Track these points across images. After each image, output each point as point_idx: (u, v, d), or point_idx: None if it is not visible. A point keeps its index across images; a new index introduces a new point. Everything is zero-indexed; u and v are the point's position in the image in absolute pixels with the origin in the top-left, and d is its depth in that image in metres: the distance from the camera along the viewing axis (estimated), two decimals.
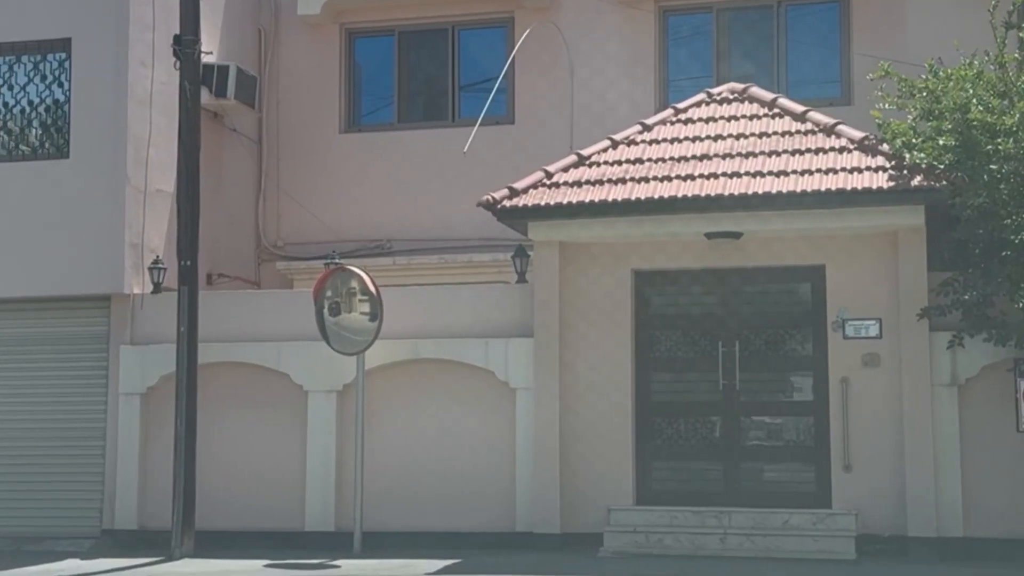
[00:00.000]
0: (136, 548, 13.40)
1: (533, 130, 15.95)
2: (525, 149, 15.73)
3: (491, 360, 13.08)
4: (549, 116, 15.95)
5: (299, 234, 16.38)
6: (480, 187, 15.42)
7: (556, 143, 15.44)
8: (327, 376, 13.40)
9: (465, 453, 13.14)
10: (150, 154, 14.21)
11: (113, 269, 13.88)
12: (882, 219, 11.95)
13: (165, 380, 13.60)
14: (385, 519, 13.13)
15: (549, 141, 15.60)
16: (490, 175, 15.24)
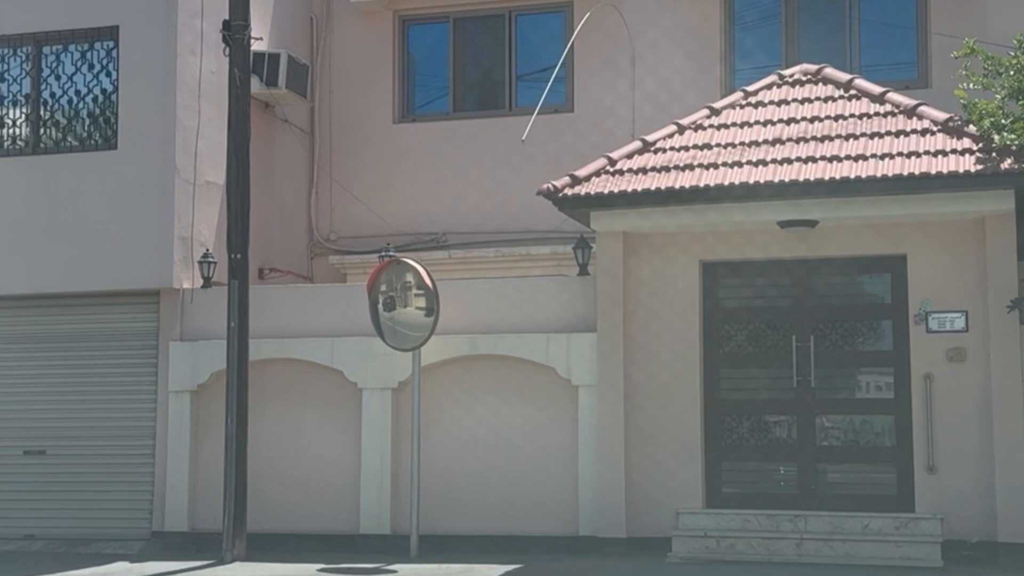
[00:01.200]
0: (186, 551, 13.01)
1: (593, 119, 15.39)
2: (585, 138, 15.19)
3: (552, 356, 12.54)
4: (610, 104, 15.38)
5: (352, 227, 15.94)
6: (538, 177, 14.93)
7: (617, 132, 14.88)
8: (382, 373, 12.93)
9: (525, 453, 12.63)
10: (199, 145, 13.81)
11: (162, 263, 13.49)
12: (968, 205, 11.27)
13: (216, 377, 13.19)
14: (442, 522, 12.65)
15: (610, 130, 15.05)
16: (548, 165, 14.82)
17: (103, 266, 13.55)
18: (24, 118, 14.09)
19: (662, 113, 14.48)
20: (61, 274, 13.66)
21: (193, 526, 13.32)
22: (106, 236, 13.57)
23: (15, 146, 14.11)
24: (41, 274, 13.70)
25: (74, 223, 13.68)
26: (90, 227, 13.62)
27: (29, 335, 13.99)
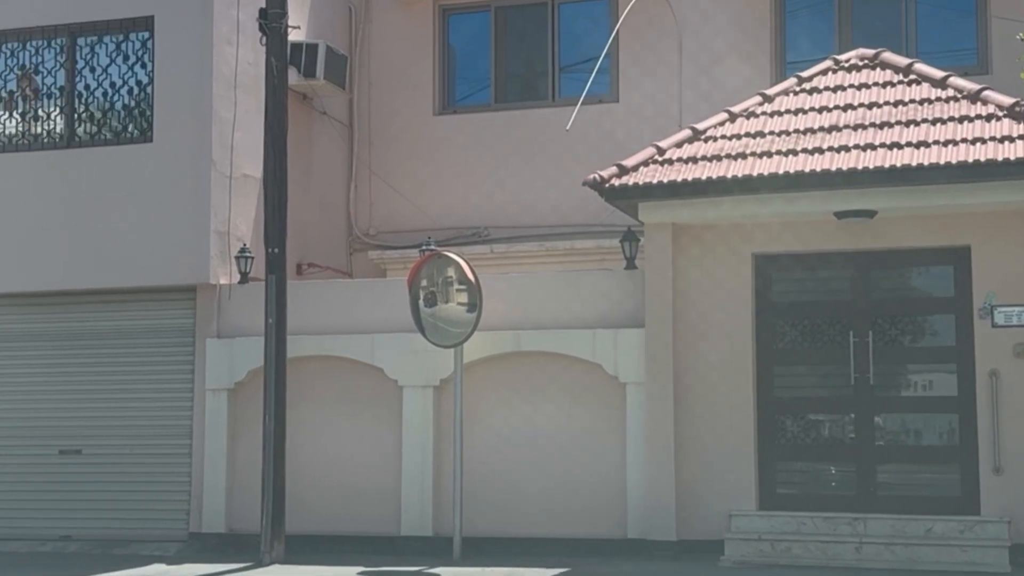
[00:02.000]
0: (224, 552, 12.71)
1: (638, 109, 15.00)
2: (630, 129, 14.83)
3: (599, 353, 12.12)
4: (656, 94, 14.98)
5: (392, 222, 15.61)
6: (583, 169, 14.57)
7: (663, 122, 14.47)
8: (423, 370, 12.57)
9: (571, 453, 12.23)
10: (236, 137, 13.50)
11: (198, 258, 13.19)
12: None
13: (253, 375, 12.89)
14: (486, 523, 12.28)
15: (655, 120, 14.66)
16: (593, 157, 14.46)
17: (138, 262, 13.27)
18: (58, 111, 13.83)
19: (709, 102, 14.06)
20: (96, 270, 13.39)
21: (231, 527, 13.01)
22: (141, 231, 13.29)
23: (50, 140, 13.85)
24: (76, 270, 13.45)
25: (109, 218, 13.40)
26: (125, 222, 13.35)
27: (63, 332, 13.72)
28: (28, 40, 13.90)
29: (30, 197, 13.63)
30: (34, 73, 13.82)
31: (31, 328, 13.83)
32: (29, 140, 13.87)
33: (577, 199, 14.78)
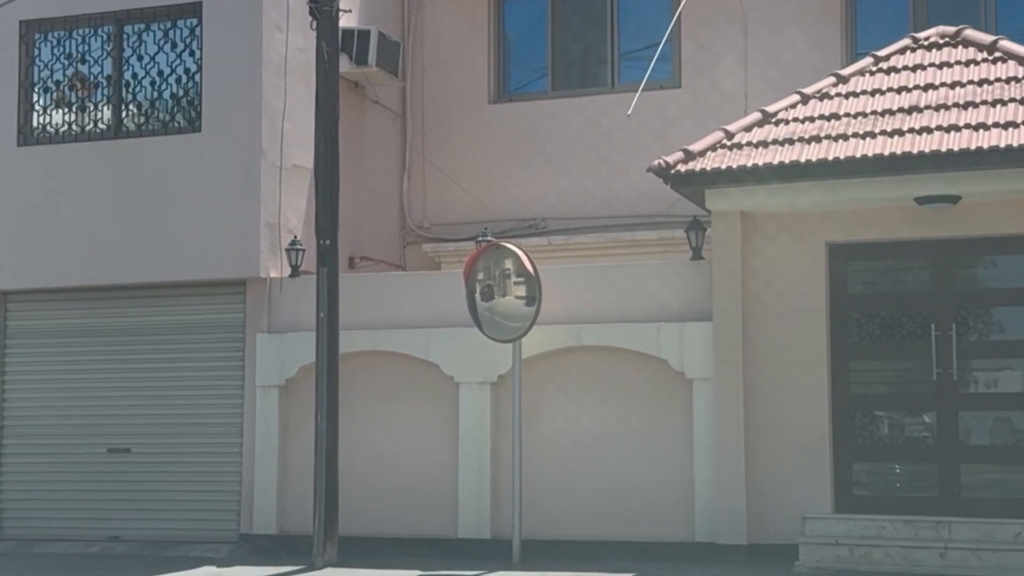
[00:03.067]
0: (276, 555, 12.32)
1: (702, 95, 14.45)
2: (693, 115, 14.32)
3: (664, 347, 11.59)
4: (720, 79, 14.41)
5: (446, 214, 15.14)
6: (643, 158, 14.14)
7: (728, 108, 13.91)
8: (480, 366, 12.10)
9: (635, 452, 11.72)
10: (286, 127, 13.10)
11: (248, 251, 12.80)
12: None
13: (305, 371, 12.47)
14: (546, 526, 11.79)
15: (720, 106, 14.12)
16: (654, 145, 14.02)
17: (187, 255, 12.91)
18: (105, 101, 13.50)
19: (776, 88, 13.41)
20: (143, 264, 13.05)
21: (282, 528, 12.61)
22: (190, 224, 12.93)
23: (96, 130, 13.52)
24: (123, 264, 13.12)
25: (156, 210, 13.06)
26: (173, 214, 13.00)
27: (111, 328, 13.40)
28: (74, 28, 13.59)
29: (76, 190, 13.32)
30: (86, 75, 13.46)
31: (77, 324, 13.53)
32: (76, 131, 13.54)
33: (638, 189, 14.31)
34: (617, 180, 14.51)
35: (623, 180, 14.45)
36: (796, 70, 13.71)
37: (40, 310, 13.69)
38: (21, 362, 13.70)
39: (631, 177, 14.39)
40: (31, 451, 13.56)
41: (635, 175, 14.35)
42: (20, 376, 13.69)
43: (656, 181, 13.67)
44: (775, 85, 13.59)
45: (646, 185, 14.12)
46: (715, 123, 12.57)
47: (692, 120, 14.16)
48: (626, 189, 14.43)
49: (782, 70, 13.99)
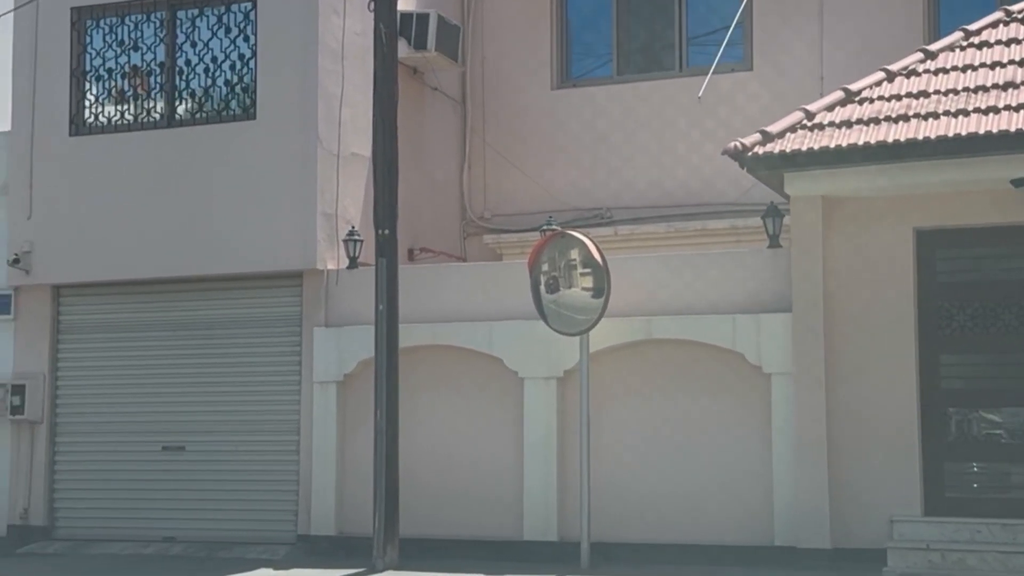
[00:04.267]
0: (334, 556, 11.89)
1: (774, 77, 13.88)
2: (765, 99, 13.82)
3: (740, 340, 11.01)
4: (793, 60, 13.83)
5: (508, 204, 14.65)
6: (713, 144, 13.65)
7: (802, 91, 13.26)
8: (546, 360, 11.59)
9: (710, 451, 11.15)
10: (343, 113, 12.66)
11: (305, 242, 12.37)
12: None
13: (363, 366, 12.03)
14: (616, 528, 11.26)
15: (793, 89, 13.51)
16: (725, 130, 13.54)
17: (242, 247, 12.51)
18: (159, 89, 13.13)
19: (855, 66, 12.76)
20: (197, 256, 12.67)
21: (341, 529, 12.16)
22: (245, 214, 12.53)
23: (149, 119, 13.16)
24: (176, 256, 12.74)
25: (210, 201, 12.68)
26: (227, 205, 12.60)
27: (164, 322, 13.03)
28: (126, 15, 13.24)
29: (129, 180, 12.97)
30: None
31: (131, 318, 13.18)
32: (129, 120, 13.19)
33: (707, 176, 13.78)
34: (685, 167, 13.97)
35: (691, 167, 13.91)
36: (875, 49, 13.06)
37: (93, 304, 13.36)
38: (74, 357, 13.38)
39: (699, 164, 13.86)
40: (84, 449, 13.24)
41: (703, 162, 13.83)
42: (73, 372, 13.38)
43: (726, 168, 13.18)
44: (853, 65, 12.94)
45: (715, 172, 13.64)
46: (788, 107, 11.96)
47: (764, 104, 13.67)
48: (694, 176, 13.89)
49: (860, 49, 13.35)
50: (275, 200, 12.45)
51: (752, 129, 11.32)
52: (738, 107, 13.84)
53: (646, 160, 14.19)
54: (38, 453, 13.24)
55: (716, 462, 11.12)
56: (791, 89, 13.50)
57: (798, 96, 12.91)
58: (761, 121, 12.06)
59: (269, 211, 12.45)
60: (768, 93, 13.75)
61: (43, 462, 13.23)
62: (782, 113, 11.43)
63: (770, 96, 13.67)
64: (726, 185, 13.51)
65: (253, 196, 12.50)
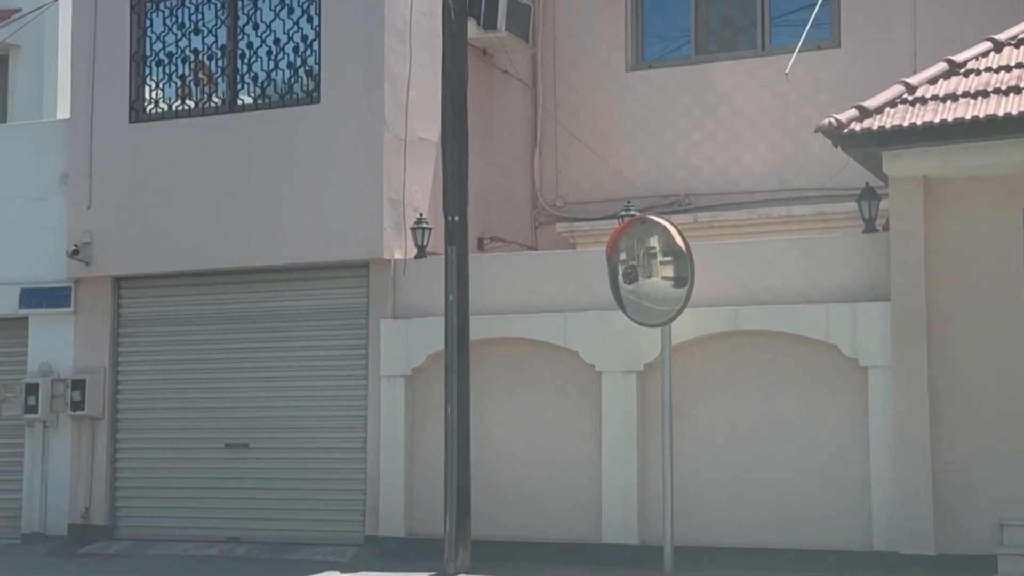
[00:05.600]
0: (404, 559, 11.38)
1: (863, 54, 13.11)
2: (853, 76, 13.03)
3: (833, 331, 10.32)
4: (883, 36, 13.01)
5: (581, 191, 14.03)
6: (797, 125, 12.95)
7: (893, 68, 12.46)
8: (625, 353, 10.97)
9: (800, 449, 10.48)
10: (411, 96, 12.11)
11: (371, 230, 11.85)
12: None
13: (432, 360, 11.49)
14: (701, 531, 10.63)
15: (884, 66, 12.71)
16: (811, 110, 12.76)
17: (306, 236, 12.03)
18: (220, 73, 12.69)
19: (952, 40, 11.96)
20: (260, 246, 12.21)
21: (410, 531, 11.63)
22: (308, 202, 12.04)
23: (210, 105, 12.72)
24: (239, 247, 12.30)
25: (273, 188, 12.21)
26: (290, 192, 12.13)
27: (226, 315, 12.59)
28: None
29: (190, 168, 12.55)
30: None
31: (192, 310, 12.77)
32: (189, 106, 12.77)
33: (793, 158, 13.11)
34: (768, 149, 13.27)
35: (775, 149, 13.22)
36: (973, 20, 12.27)
37: (154, 296, 12.96)
38: (135, 352, 12.99)
39: (784, 146, 13.17)
40: (146, 446, 12.85)
41: (788, 143, 13.14)
42: (134, 367, 12.99)
43: (812, 149, 12.58)
44: (950, 39, 12.15)
45: (801, 154, 12.98)
46: (879, 85, 11.20)
47: (852, 81, 12.85)
48: (779, 159, 13.19)
49: (957, 21, 12.54)
50: (340, 187, 11.95)
51: (839, 108, 10.60)
52: (824, 85, 13.08)
53: (726, 143, 13.50)
54: (99, 450, 12.87)
55: (808, 461, 10.44)
56: (881, 65, 12.72)
57: (889, 73, 12.16)
58: (849, 100, 11.27)
59: (334, 199, 11.95)
60: (857, 70, 12.97)
61: (104, 460, 12.86)
62: (872, 91, 10.68)
63: (859, 73, 12.89)
64: (813, 168, 12.82)
65: (317, 183, 12.02)
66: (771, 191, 13.20)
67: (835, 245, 10.63)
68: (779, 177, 13.19)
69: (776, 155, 13.22)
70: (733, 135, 13.48)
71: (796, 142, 13.03)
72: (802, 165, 12.99)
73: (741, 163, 13.42)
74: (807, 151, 12.88)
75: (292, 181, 12.12)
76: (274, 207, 12.16)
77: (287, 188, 12.13)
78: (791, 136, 13.12)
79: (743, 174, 13.39)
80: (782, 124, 13.22)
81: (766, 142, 13.30)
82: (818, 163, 12.69)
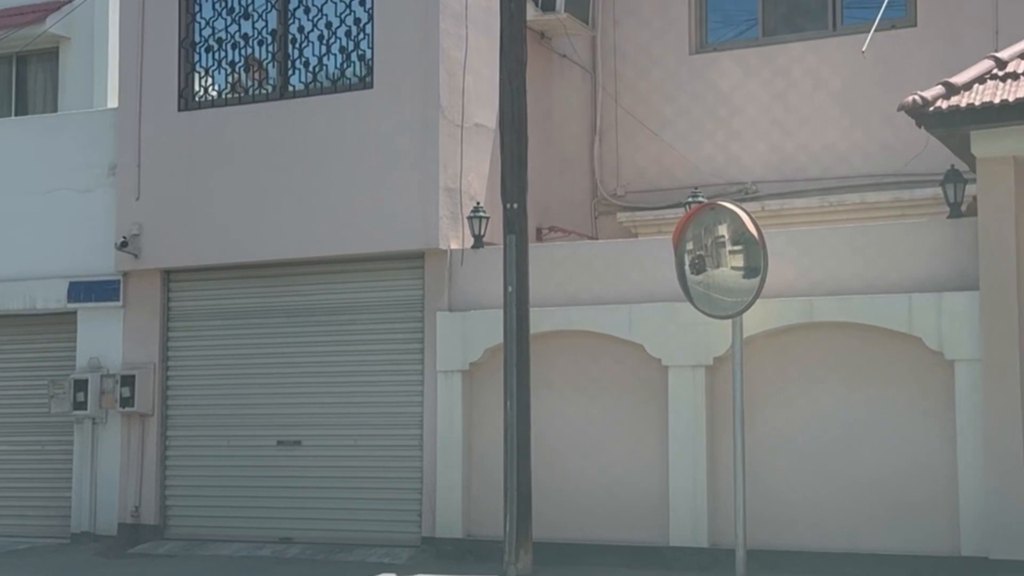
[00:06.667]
0: (462, 561, 10.96)
1: (942, 32, 12.41)
2: (929, 57, 12.34)
3: (916, 323, 9.75)
4: (963, 14, 12.34)
5: (643, 179, 13.51)
6: (870, 108, 12.38)
7: (973, 47, 11.85)
8: (693, 347, 10.47)
9: (881, 448, 9.95)
10: (467, 81, 11.65)
11: (427, 220, 11.42)
12: None
13: (491, 354, 11.05)
14: (775, 533, 10.13)
15: (963, 46, 12.11)
16: (885, 93, 12.15)
17: (359, 226, 11.62)
18: (270, 58, 12.30)
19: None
20: (312, 237, 11.81)
21: (469, 532, 11.19)
22: (362, 191, 11.64)
23: (261, 91, 12.34)
24: (290, 238, 11.91)
25: (325, 177, 11.82)
26: (343, 181, 11.72)
27: (278, 308, 12.21)
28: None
29: (240, 157, 12.18)
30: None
31: (243, 304, 12.40)
32: (240, 93, 12.39)
33: (867, 143, 12.54)
34: (840, 134, 12.68)
35: (847, 134, 12.61)
36: None
37: (205, 289, 12.60)
38: (185, 346, 12.65)
39: (857, 129, 12.56)
40: (196, 443, 12.51)
41: (861, 127, 12.55)
42: (184, 362, 12.65)
43: (888, 132, 12.03)
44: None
45: (875, 138, 12.42)
46: (958, 64, 10.60)
47: (929, 61, 12.24)
48: (851, 144, 12.61)
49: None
50: (394, 175, 11.52)
51: (918, 88, 10.00)
52: (899, 66, 12.46)
53: (796, 127, 12.90)
54: (149, 448, 12.55)
55: (889, 461, 9.88)
56: (961, 44, 12.11)
57: (969, 52, 11.56)
58: (926, 82, 10.70)
59: (388, 187, 11.53)
60: (934, 50, 12.35)
61: (154, 457, 12.53)
62: (950, 73, 10.06)
63: (936, 53, 12.27)
64: (888, 153, 12.24)
65: (370, 171, 11.60)
66: (842, 177, 12.62)
67: (918, 232, 10.03)
68: (851, 163, 12.60)
69: (847, 141, 12.63)
70: (804, 119, 12.89)
71: (869, 127, 12.46)
72: (875, 150, 12.41)
73: (813, 150, 12.82)
74: (881, 136, 12.33)
75: (345, 169, 11.71)
76: (326, 196, 11.76)
77: (340, 177, 11.73)
78: (863, 120, 12.53)
79: (814, 161, 12.80)
80: (854, 108, 12.62)
81: (838, 125, 12.70)
82: (893, 148, 12.16)
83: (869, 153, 12.48)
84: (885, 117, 12.03)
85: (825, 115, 12.81)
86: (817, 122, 12.83)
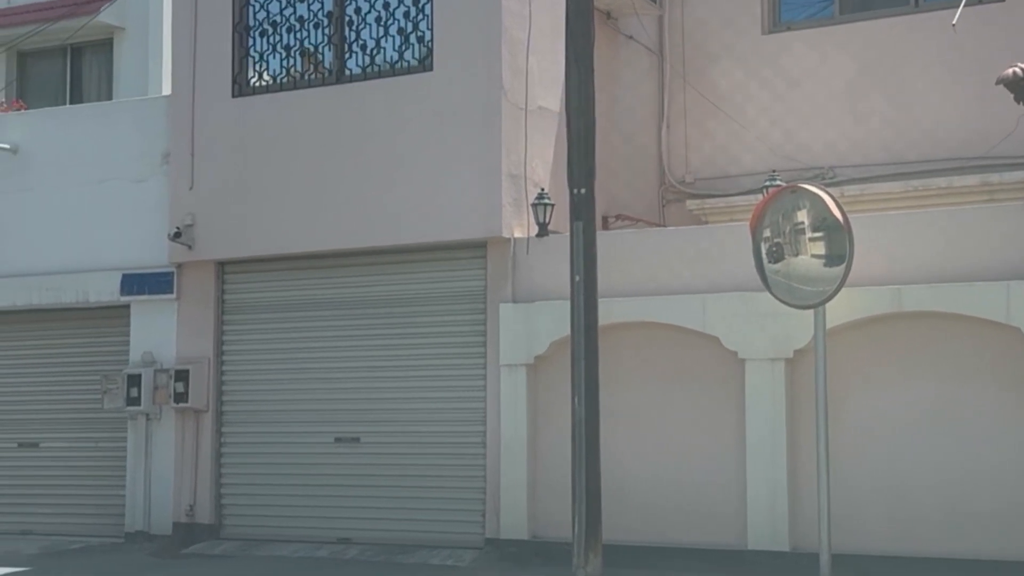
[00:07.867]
0: (527, 564, 10.51)
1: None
2: (1019, 34, 11.58)
3: (1015, 311, 9.20)
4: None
5: (712, 166, 12.95)
6: (954, 88, 11.74)
7: None
8: (771, 339, 9.97)
9: (976, 446, 9.43)
10: (531, 62, 11.17)
11: (489, 207, 10.96)
12: None
13: (557, 347, 10.56)
14: (860, 537, 9.59)
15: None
16: (972, 71, 11.56)
17: (419, 215, 11.20)
18: (327, 41, 11.89)
19: None
20: (371, 227, 11.41)
21: (534, 533, 10.73)
22: (421, 178, 11.21)
23: (317, 75, 11.94)
24: (348, 227, 11.52)
25: (383, 164, 11.40)
26: (402, 168, 11.30)
27: (335, 300, 11.82)
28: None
29: (296, 144, 11.80)
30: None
31: (300, 296, 12.03)
32: (295, 78, 11.99)
33: (953, 124, 11.93)
34: (923, 114, 12.04)
35: (931, 115, 11.99)
36: None
37: (260, 281, 12.23)
38: (241, 340, 12.30)
39: (941, 110, 11.92)
40: (252, 440, 12.15)
41: (947, 107, 11.91)
42: (240, 356, 12.29)
43: (975, 113, 11.44)
44: None
45: (961, 119, 11.80)
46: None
47: (1016, 39, 11.53)
48: (935, 125, 11.98)
49: None
50: (455, 161, 11.08)
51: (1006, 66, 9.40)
52: (987, 42, 11.79)
53: (876, 109, 12.28)
54: (203, 445, 12.20)
55: (984, 460, 9.33)
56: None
57: None
58: (1016, 59, 10.06)
59: (449, 173, 11.09)
60: (1022, 26, 11.68)
61: (209, 455, 12.18)
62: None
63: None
64: (975, 134, 11.59)
65: (430, 157, 11.16)
66: (926, 161, 11.96)
67: (1015, 215, 9.41)
68: (936, 144, 11.95)
69: (933, 120, 11.99)
70: (884, 99, 12.26)
71: (953, 107, 11.85)
72: (961, 132, 11.76)
73: (893, 132, 12.20)
74: (967, 116, 11.68)
75: (404, 155, 11.28)
76: (385, 184, 11.34)
77: (398, 163, 11.30)
78: (948, 100, 11.91)
79: (895, 143, 12.18)
80: (937, 88, 11.99)
81: (921, 105, 12.07)
82: (981, 128, 11.50)
83: (954, 135, 11.85)
84: (972, 96, 11.41)
85: (907, 94, 12.18)
86: (899, 101, 12.21)
